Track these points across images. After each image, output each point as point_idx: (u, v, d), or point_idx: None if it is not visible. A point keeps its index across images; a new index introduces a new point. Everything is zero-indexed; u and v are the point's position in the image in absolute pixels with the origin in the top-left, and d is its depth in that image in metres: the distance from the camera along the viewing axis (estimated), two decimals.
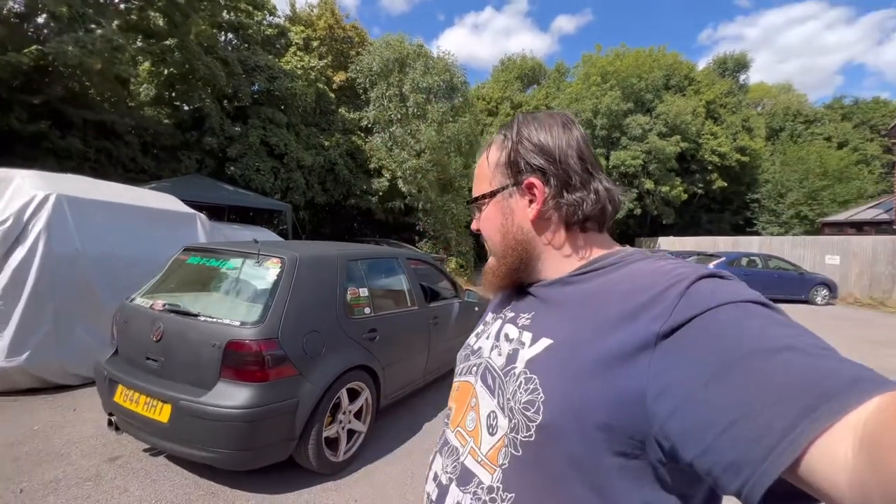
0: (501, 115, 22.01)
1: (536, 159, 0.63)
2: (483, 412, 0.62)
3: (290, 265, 2.66)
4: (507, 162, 0.66)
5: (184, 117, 11.35)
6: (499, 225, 0.68)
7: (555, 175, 0.62)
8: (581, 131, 0.66)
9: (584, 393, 0.49)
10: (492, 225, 0.69)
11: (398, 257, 3.89)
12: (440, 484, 0.65)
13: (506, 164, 0.66)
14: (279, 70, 11.63)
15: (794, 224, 21.68)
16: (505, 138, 0.67)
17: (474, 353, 0.72)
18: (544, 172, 0.63)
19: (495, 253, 0.70)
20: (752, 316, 0.44)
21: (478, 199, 0.71)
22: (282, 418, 2.37)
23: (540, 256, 0.65)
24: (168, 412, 2.34)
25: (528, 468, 0.53)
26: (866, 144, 26.08)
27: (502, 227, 0.67)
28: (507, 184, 0.66)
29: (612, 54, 23.16)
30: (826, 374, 0.37)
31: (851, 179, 21.78)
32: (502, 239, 0.68)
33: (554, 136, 0.63)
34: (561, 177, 0.62)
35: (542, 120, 0.66)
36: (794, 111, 28.77)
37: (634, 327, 0.48)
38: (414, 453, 3.07)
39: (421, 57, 14.03)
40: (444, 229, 14.16)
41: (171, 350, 2.48)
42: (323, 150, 13.35)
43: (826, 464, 0.33)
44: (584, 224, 0.63)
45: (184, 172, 10.57)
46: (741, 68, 27.92)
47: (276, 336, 2.39)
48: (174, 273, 3.02)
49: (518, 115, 0.69)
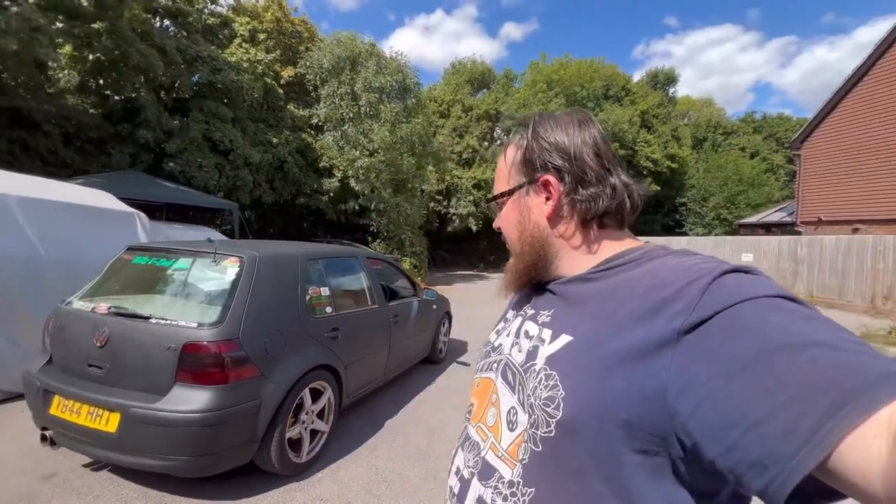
0: (453, 118, 22.30)
1: (552, 157, 0.64)
2: (503, 408, 0.63)
3: (250, 264, 2.60)
4: (523, 160, 0.67)
5: (114, 108, 10.39)
6: (516, 222, 0.69)
7: (570, 172, 0.63)
8: (598, 129, 0.66)
9: (605, 390, 0.49)
10: (510, 223, 0.70)
11: (358, 256, 3.90)
12: (462, 478, 0.66)
13: (522, 162, 0.68)
14: (223, 62, 10.97)
15: (716, 225, 24.23)
16: (521, 137, 0.69)
17: (495, 349, 0.73)
18: (560, 170, 0.63)
19: (514, 250, 0.71)
20: (778, 310, 0.43)
21: (496, 198, 0.72)
22: (243, 420, 2.32)
23: (557, 253, 0.66)
24: (116, 421, 2.21)
25: (548, 463, 0.54)
26: (773, 155, 29.43)
27: (519, 225, 0.68)
28: (523, 182, 0.67)
29: (557, 63, 24.30)
30: (856, 370, 0.36)
31: (762, 186, 24.77)
32: (519, 236, 0.69)
33: (569, 134, 0.64)
34: (576, 174, 0.63)
35: (558, 119, 0.67)
36: (715, 123, 31.78)
37: (656, 323, 0.48)
38: (377, 450, 3.10)
39: (373, 56, 13.92)
40: (397, 230, 14.13)
41: (118, 355, 2.34)
42: (271, 147, 12.80)
43: (858, 460, 0.33)
44: (602, 220, 0.64)
45: (114, 167, 9.68)
46: (670, 82, 30.43)
47: (236, 337, 2.34)
48: (117, 274, 2.83)
49: (534, 115, 0.70)
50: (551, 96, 21.71)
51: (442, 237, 22.15)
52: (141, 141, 9.96)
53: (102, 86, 9.89)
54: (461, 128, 22.30)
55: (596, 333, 0.54)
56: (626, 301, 0.53)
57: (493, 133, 23.93)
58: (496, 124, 23.48)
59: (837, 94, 12.31)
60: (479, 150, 22.01)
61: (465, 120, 22.41)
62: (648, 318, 0.49)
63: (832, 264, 10.53)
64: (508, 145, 0.72)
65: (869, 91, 11.61)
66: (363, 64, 13.77)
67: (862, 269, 9.85)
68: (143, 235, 4.53)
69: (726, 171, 24.97)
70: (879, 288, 9.47)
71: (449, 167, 19.54)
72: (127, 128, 10.03)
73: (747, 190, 24.27)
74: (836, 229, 12.28)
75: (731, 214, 23.68)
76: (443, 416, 3.73)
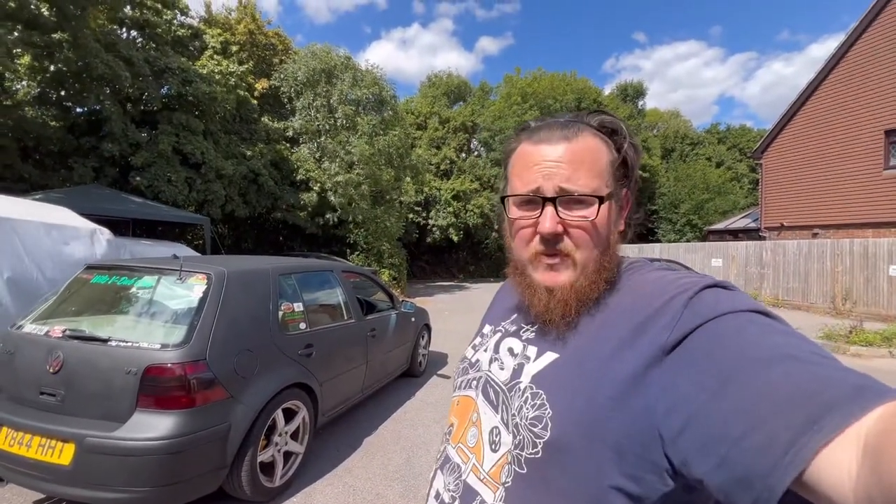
0: (430, 130, 22.48)
1: (636, 171, 0.60)
2: (485, 428, 0.60)
3: (218, 281, 2.50)
4: (622, 164, 0.59)
5: (77, 120, 9.96)
6: (605, 231, 0.58)
7: (632, 189, 0.60)
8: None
9: (593, 409, 0.48)
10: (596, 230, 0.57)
11: (333, 270, 3.82)
12: (442, 502, 0.63)
13: (618, 165, 0.59)
14: (194, 73, 10.69)
15: (687, 231, 25.17)
16: (616, 135, 0.59)
17: (473, 366, 0.69)
18: (632, 185, 0.60)
19: (584, 264, 0.57)
20: (752, 325, 0.44)
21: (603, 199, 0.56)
22: (211, 446, 2.21)
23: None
24: (70, 453, 2.06)
25: (533, 486, 0.51)
26: (738, 164, 30.82)
27: (606, 233, 0.58)
28: (616, 188, 0.59)
29: (531, 77, 24.92)
30: (828, 384, 0.37)
31: (728, 193, 25.93)
32: (603, 249, 0.58)
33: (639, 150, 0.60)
34: (635, 191, 0.61)
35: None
36: (682, 134, 33.10)
37: (641, 341, 0.48)
38: (354, 469, 3.00)
39: (349, 69, 13.93)
40: (376, 242, 14.03)
41: (73, 382, 2.20)
42: (245, 160, 12.50)
43: (831, 474, 0.33)
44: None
45: (77, 182, 9.25)
46: (639, 95, 31.63)
47: (203, 357, 2.24)
48: (75, 295, 2.68)
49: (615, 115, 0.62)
50: (526, 108, 22.20)
51: (421, 248, 22.11)
52: (105, 154, 9.55)
53: (64, 97, 9.48)
54: (438, 139, 22.48)
55: (582, 351, 0.53)
56: (611, 318, 0.53)
57: (469, 144, 24.22)
58: (473, 136, 23.79)
59: (793, 106, 13.03)
60: (457, 161, 22.21)
61: (443, 132, 22.61)
62: (634, 336, 0.49)
63: (795, 268, 11.01)
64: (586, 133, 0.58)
65: (821, 103, 12.34)
66: (339, 76, 13.76)
67: (822, 272, 10.33)
68: (107, 253, 4.32)
69: (694, 180, 26.06)
70: (839, 289, 9.93)
71: (427, 178, 19.61)
72: (90, 141, 9.61)
73: (714, 198, 25.39)
74: (798, 234, 12.88)
75: (701, 221, 24.66)
76: (423, 432, 3.65)
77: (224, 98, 11.37)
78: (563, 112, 0.63)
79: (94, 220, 4.92)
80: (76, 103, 9.71)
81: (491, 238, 21.92)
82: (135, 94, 10.21)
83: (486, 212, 20.33)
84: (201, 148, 10.92)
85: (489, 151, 22.63)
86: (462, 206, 20.39)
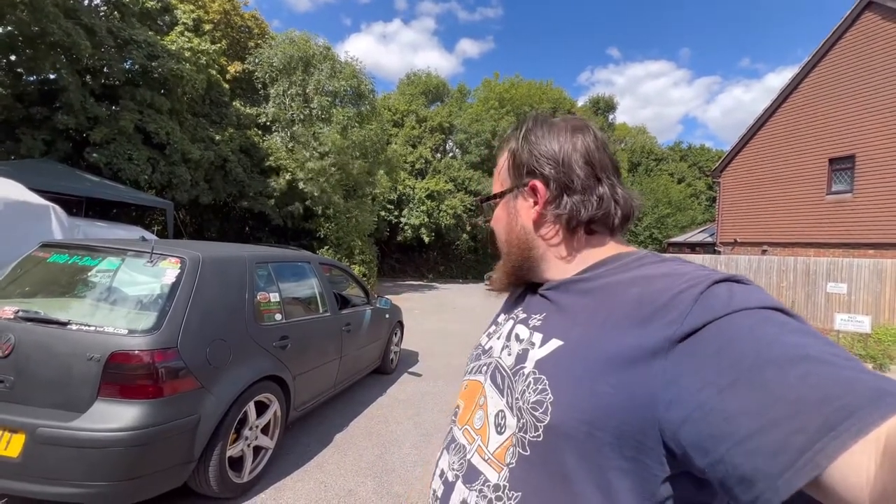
0: (407, 127, 22.32)
1: (540, 164, 0.65)
2: (491, 411, 0.62)
3: (193, 266, 2.39)
4: (514, 165, 0.70)
5: (27, 88, 9.15)
6: (505, 224, 0.71)
7: (556, 179, 0.64)
8: (595, 136, 0.67)
9: (594, 396, 0.49)
10: (500, 224, 0.73)
11: (311, 261, 3.73)
12: (446, 481, 0.65)
13: (512, 166, 0.70)
14: (161, 49, 10.09)
15: (649, 243, 26.36)
16: (514, 141, 0.71)
17: (485, 352, 0.72)
18: (546, 177, 0.65)
19: (502, 250, 0.73)
20: (768, 323, 0.43)
21: (489, 199, 0.75)
22: (179, 438, 2.10)
23: (542, 257, 0.67)
24: (19, 444, 1.91)
25: (536, 468, 0.53)
26: (697, 181, 32.59)
27: (507, 226, 0.71)
28: (513, 186, 0.70)
29: (509, 83, 25.29)
30: (847, 387, 0.36)
31: (687, 209, 27.37)
32: (507, 237, 0.71)
33: (560, 142, 0.65)
34: (562, 181, 0.64)
35: (552, 125, 0.68)
36: (648, 150, 34.61)
37: (647, 332, 0.48)
38: (326, 465, 2.94)
39: (328, 60, 13.62)
40: (346, 237, 13.77)
41: (25, 367, 2.03)
42: (213, 145, 11.90)
43: (848, 479, 0.33)
44: (590, 227, 0.65)
45: (24, 155, 8.50)
46: (610, 109, 32.85)
47: (174, 345, 2.12)
48: (28, 274, 2.48)
49: (529, 118, 0.72)
50: (503, 113, 22.48)
51: (392, 246, 21.89)
52: (59, 127, 8.81)
53: (14, 62, 8.70)
54: (415, 138, 22.36)
55: (586, 339, 0.54)
56: (618, 308, 0.53)
57: (445, 145, 24.24)
58: (449, 137, 23.82)
59: (750, 130, 13.94)
60: (433, 161, 22.17)
61: (419, 131, 22.51)
62: (640, 325, 0.49)
63: None
64: (504, 147, 0.73)
65: (775, 129, 13.27)
66: (316, 66, 13.42)
67: (770, 287, 11.06)
68: (61, 232, 4.02)
69: (657, 194, 27.33)
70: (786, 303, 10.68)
71: (402, 176, 19.45)
72: (42, 111, 8.85)
73: (675, 213, 26.76)
74: (749, 250, 13.76)
75: (661, 234, 25.90)
76: (395, 428, 3.63)
77: (193, 77, 10.77)
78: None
79: (46, 197, 4.56)
80: (28, 71, 8.93)
81: (462, 240, 22.00)
82: (95, 65, 9.49)
83: (459, 213, 20.40)
84: (166, 128, 10.31)
85: (465, 154, 22.74)
86: (435, 206, 20.36)
